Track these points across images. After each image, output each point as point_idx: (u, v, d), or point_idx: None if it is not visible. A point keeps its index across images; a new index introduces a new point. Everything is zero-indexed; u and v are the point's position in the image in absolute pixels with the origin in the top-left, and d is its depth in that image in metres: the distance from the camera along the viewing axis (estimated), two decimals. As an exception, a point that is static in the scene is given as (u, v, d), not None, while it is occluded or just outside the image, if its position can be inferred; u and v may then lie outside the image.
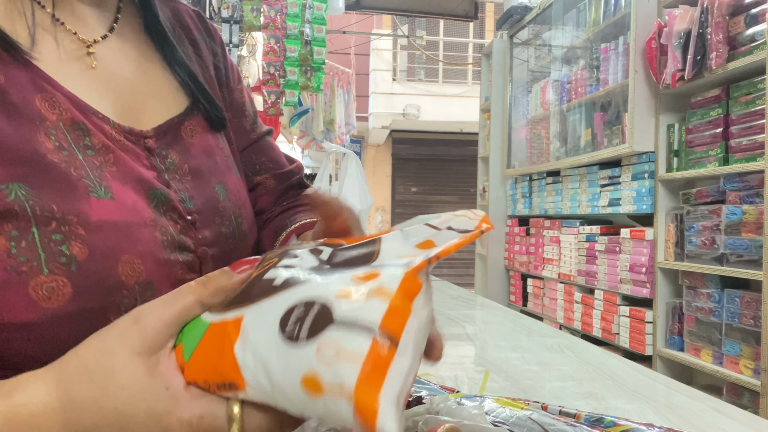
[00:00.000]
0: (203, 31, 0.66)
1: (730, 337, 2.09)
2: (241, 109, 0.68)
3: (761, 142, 1.96)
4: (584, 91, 3.09)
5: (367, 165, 9.65)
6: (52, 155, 0.44)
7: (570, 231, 3.14)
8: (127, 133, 0.51)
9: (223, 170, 0.60)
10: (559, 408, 0.53)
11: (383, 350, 0.27)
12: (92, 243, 0.43)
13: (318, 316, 0.29)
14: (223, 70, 0.66)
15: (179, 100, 0.58)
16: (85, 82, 0.50)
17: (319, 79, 3.93)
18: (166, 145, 0.54)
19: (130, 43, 0.57)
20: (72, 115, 0.47)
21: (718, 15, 2.11)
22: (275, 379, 0.29)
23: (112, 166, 0.48)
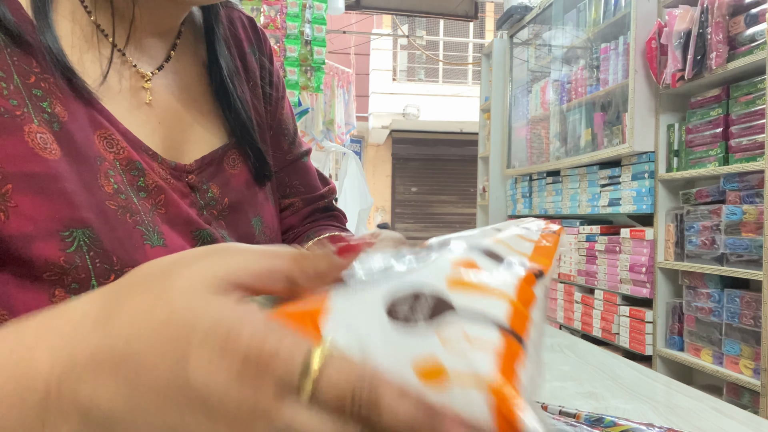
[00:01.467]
0: (254, 43, 0.64)
1: (730, 337, 2.09)
2: (281, 127, 0.66)
3: (761, 142, 1.96)
4: (584, 91, 3.09)
5: (367, 165, 9.64)
6: (110, 201, 0.43)
7: (570, 231, 3.14)
8: (172, 169, 0.50)
9: (261, 202, 0.59)
10: (559, 408, 0.53)
11: (516, 347, 0.24)
12: None
13: (434, 303, 0.25)
14: (268, 85, 0.64)
15: (224, 131, 0.57)
16: (140, 117, 0.50)
17: (319, 79, 3.93)
18: (207, 178, 0.53)
19: (185, 72, 0.56)
20: (128, 154, 0.46)
21: (718, 15, 2.11)
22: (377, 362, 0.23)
23: (161, 207, 0.47)
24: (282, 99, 0.67)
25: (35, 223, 0.39)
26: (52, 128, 0.42)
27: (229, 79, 0.57)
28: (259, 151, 0.59)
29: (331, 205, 0.73)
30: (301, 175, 0.68)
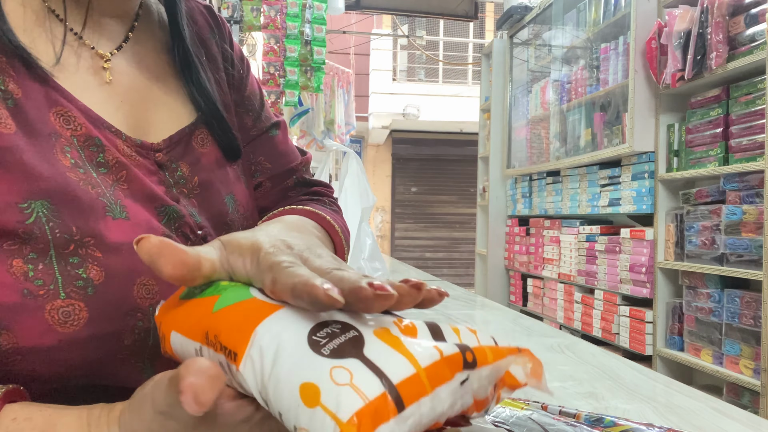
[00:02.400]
0: (214, 29, 0.63)
1: (730, 337, 2.09)
2: (246, 105, 0.64)
3: (761, 142, 1.96)
4: (584, 91, 3.09)
5: (367, 165, 9.64)
6: (70, 173, 0.43)
7: (570, 231, 3.14)
8: (138, 147, 0.50)
9: (233, 181, 0.58)
10: (559, 408, 0.53)
11: (388, 407, 0.27)
12: (109, 266, 0.43)
13: (349, 341, 0.29)
14: (231, 68, 0.64)
15: (190, 111, 0.57)
16: (101, 96, 0.49)
17: (319, 79, 3.93)
18: (176, 157, 0.53)
19: (146, 52, 0.56)
20: (87, 131, 0.46)
21: (718, 15, 2.11)
22: (278, 370, 0.29)
23: (124, 183, 0.47)
24: (246, 77, 0.66)
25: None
26: (6, 105, 0.42)
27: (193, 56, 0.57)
28: (228, 127, 0.58)
29: (305, 178, 0.69)
30: (266, 149, 0.65)
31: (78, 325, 0.41)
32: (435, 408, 0.28)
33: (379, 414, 0.26)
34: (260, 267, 0.34)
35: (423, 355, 0.29)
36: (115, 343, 0.43)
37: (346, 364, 0.28)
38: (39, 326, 0.39)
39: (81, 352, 0.41)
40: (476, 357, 0.30)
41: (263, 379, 0.29)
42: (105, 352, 0.42)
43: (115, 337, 0.43)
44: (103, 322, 0.42)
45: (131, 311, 0.43)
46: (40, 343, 0.39)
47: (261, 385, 0.29)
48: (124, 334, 0.43)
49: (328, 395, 0.27)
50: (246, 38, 5.30)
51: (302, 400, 0.28)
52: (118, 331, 0.43)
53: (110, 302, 0.42)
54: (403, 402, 0.27)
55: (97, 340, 0.42)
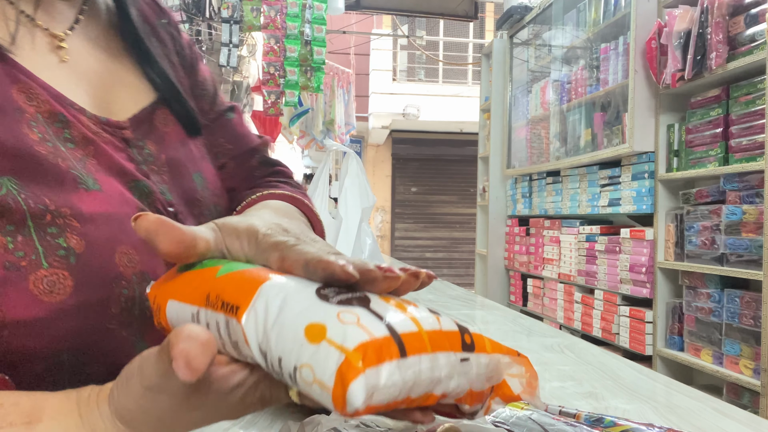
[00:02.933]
0: (160, 15, 0.64)
1: (730, 337, 2.09)
2: (200, 89, 0.66)
3: (761, 142, 1.96)
4: (584, 91, 3.09)
5: (367, 165, 9.64)
6: (38, 146, 0.43)
7: (570, 231, 3.14)
8: (104, 125, 0.50)
9: (199, 159, 0.58)
10: (559, 408, 0.53)
11: (392, 348, 0.27)
12: (88, 235, 0.43)
13: (356, 297, 0.30)
14: (182, 52, 0.65)
15: (148, 92, 0.57)
16: (59, 74, 0.49)
17: (319, 79, 3.93)
18: (142, 136, 0.53)
19: (97, 36, 0.56)
20: (50, 107, 0.46)
21: (718, 15, 2.11)
22: (283, 316, 0.29)
23: (93, 158, 0.47)
24: (197, 63, 0.66)
25: None
26: None
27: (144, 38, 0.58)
28: (186, 102, 0.59)
29: (268, 158, 0.70)
30: (226, 131, 0.67)
31: (64, 293, 0.41)
32: (434, 371, 0.28)
33: (383, 352, 0.27)
34: (261, 247, 0.35)
35: (425, 320, 0.30)
36: (102, 312, 0.43)
37: (353, 310, 0.29)
38: (24, 298, 0.40)
39: (69, 323, 0.41)
40: (474, 341, 0.31)
41: (266, 328, 0.29)
42: (93, 321, 0.43)
43: (102, 306, 0.43)
44: (88, 289, 0.42)
45: (116, 279, 0.44)
46: (27, 315, 0.40)
47: (262, 334, 0.30)
48: (111, 302, 0.43)
49: (334, 331, 0.27)
50: (246, 38, 5.30)
51: (306, 339, 0.28)
52: (105, 298, 0.43)
53: (94, 270, 0.43)
54: (406, 350, 0.27)
55: (85, 309, 0.42)
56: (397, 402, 0.27)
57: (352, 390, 0.26)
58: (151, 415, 0.32)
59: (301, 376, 0.28)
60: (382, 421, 0.44)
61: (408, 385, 0.27)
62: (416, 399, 0.28)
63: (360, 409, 0.26)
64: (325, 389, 0.27)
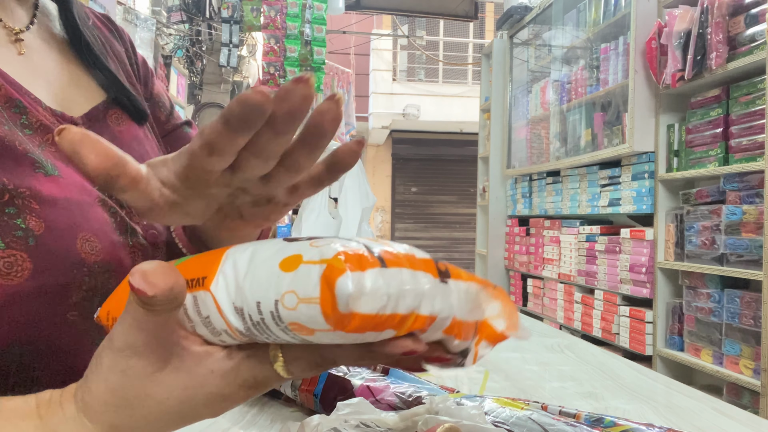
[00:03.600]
0: (113, 31, 0.64)
1: (730, 337, 2.09)
2: (156, 101, 0.66)
3: (761, 142, 1.96)
4: (584, 91, 3.09)
5: (367, 165, 9.64)
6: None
7: (570, 231, 3.14)
8: (58, 117, 0.49)
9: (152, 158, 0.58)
10: (559, 408, 0.53)
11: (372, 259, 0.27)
12: (48, 217, 0.41)
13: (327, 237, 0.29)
14: (135, 66, 0.65)
15: (100, 93, 0.57)
16: (15, 65, 0.49)
17: (319, 79, 3.93)
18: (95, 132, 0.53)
19: (50, 38, 0.56)
20: (6, 92, 0.45)
21: (718, 15, 2.11)
22: (255, 264, 0.29)
23: (51, 146, 0.46)
24: (152, 78, 0.66)
25: None
26: None
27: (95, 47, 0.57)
28: (135, 96, 0.58)
29: None
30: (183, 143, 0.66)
31: (22, 276, 0.39)
32: (416, 284, 0.27)
33: (363, 261, 0.26)
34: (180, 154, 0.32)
35: (398, 247, 0.29)
36: (62, 300, 0.41)
37: (325, 239, 0.28)
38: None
39: (27, 309, 0.39)
40: (449, 270, 0.30)
41: (237, 282, 0.29)
42: (52, 309, 0.41)
43: (62, 292, 0.41)
44: (48, 273, 0.40)
45: (77, 264, 0.42)
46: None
47: (234, 290, 0.29)
48: (71, 289, 0.42)
49: (310, 254, 0.27)
50: (246, 38, 5.30)
51: (282, 270, 0.27)
52: (65, 285, 0.41)
53: (54, 253, 0.41)
54: (385, 262, 0.27)
55: (44, 295, 0.40)
56: (384, 317, 0.26)
57: (340, 286, 0.25)
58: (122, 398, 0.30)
59: (284, 305, 0.27)
60: (382, 421, 0.44)
61: (393, 293, 0.26)
62: (403, 318, 0.27)
63: (355, 310, 0.25)
64: (312, 302, 0.26)
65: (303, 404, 0.61)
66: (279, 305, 0.27)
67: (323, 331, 0.26)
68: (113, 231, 0.46)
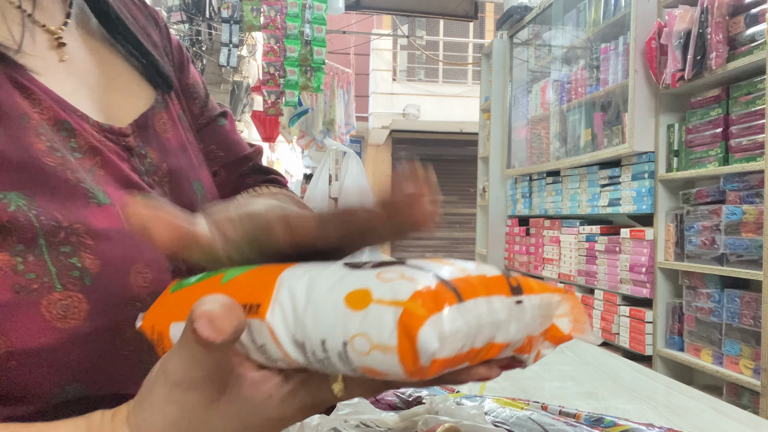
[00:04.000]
0: (148, 16, 0.61)
1: (730, 337, 2.09)
2: (191, 91, 0.63)
3: (761, 142, 1.96)
4: (584, 91, 3.09)
5: (367, 165, 9.64)
6: (47, 158, 0.40)
7: (570, 231, 3.14)
8: (106, 132, 0.47)
9: (197, 166, 0.56)
10: (559, 408, 0.53)
11: (448, 294, 0.25)
12: (103, 253, 0.39)
13: (388, 262, 0.27)
14: (171, 53, 0.62)
15: (146, 93, 0.54)
16: (59, 76, 0.46)
17: (319, 79, 3.93)
18: (144, 143, 0.50)
19: (88, 31, 0.53)
20: (55, 114, 0.42)
21: (718, 15, 2.11)
22: (315, 295, 0.27)
23: (101, 169, 0.44)
24: (188, 64, 0.64)
25: None
26: None
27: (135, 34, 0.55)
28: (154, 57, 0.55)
29: (261, 166, 0.67)
30: (218, 137, 0.64)
31: (79, 318, 0.38)
32: (492, 314, 0.26)
33: (440, 298, 0.24)
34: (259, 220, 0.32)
35: (468, 268, 0.28)
36: (116, 338, 0.40)
37: (392, 268, 0.26)
38: (35, 324, 0.36)
39: (82, 351, 0.38)
40: (521, 284, 0.29)
41: (297, 315, 0.27)
42: (107, 349, 0.40)
43: (116, 330, 0.40)
44: (104, 313, 0.39)
45: (130, 300, 0.41)
46: (38, 344, 0.36)
47: (294, 323, 0.27)
48: (125, 326, 0.40)
49: (380, 291, 0.25)
50: (246, 38, 5.30)
51: (350, 308, 0.25)
52: (119, 322, 0.40)
53: (109, 292, 0.40)
54: (461, 295, 0.25)
55: (99, 335, 0.39)
56: (462, 356, 0.25)
57: (422, 338, 0.23)
58: (179, 429, 0.30)
59: (353, 349, 0.25)
60: (382, 421, 0.44)
61: (472, 331, 0.25)
62: (479, 351, 0.26)
63: (436, 357, 0.24)
64: (389, 350, 0.24)
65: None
66: (348, 347, 0.25)
67: (397, 375, 0.25)
68: (163, 257, 0.45)
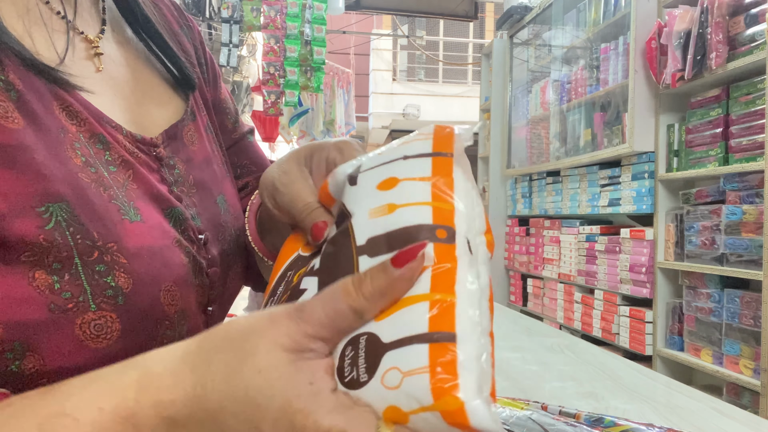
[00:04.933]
0: (183, 26, 0.61)
1: (730, 337, 2.09)
2: (223, 106, 0.64)
3: (761, 142, 1.96)
4: (584, 91, 3.09)
5: (367, 165, 9.64)
6: (82, 173, 0.39)
7: (570, 231, 3.14)
8: (138, 143, 0.47)
9: (221, 180, 0.56)
10: (559, 408, 0.53)
11: (443, 350, 0.26)
12: (135, 272, 0.39)
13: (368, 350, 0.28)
14: (204, 66, 0.62)
15: (176, 103, 0.54)
16: (95, 87, 0.45)
17: (319, 79, 3.93)
18: (173, 153, 0.50)
19: (121, 37, 0.52)
20: (90, 127, 0.42)
21: (718, 15, 2.11)
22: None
23: (132, 183, 0.44)
24: (219, 78, 0.65)
25: (7, 199, 0.35)
26: (10, 96, 0.38)
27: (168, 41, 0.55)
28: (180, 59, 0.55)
29: None
30: (249, 153, 0.66)
31: (111, 338, 0.38)
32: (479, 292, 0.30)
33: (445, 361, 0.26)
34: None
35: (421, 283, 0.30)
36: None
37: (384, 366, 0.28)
38: (69, 343, 0.36)
39: None
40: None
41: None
42: None
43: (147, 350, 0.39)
44: (135, 333, 0.39)
45: (160, 319, 0.41)
46: (69, 363, 0.36)
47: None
48: (154, 345, 0.40)
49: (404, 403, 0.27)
50: (246, 38, 5.30)
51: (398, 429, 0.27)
52: (149, 342, 0.40)
53: (141, 311, 0.39)
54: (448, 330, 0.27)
55: (130, 354, 0.38)
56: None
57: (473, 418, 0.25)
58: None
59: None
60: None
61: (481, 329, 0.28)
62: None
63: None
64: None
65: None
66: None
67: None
68: (189, 274, 0.45)
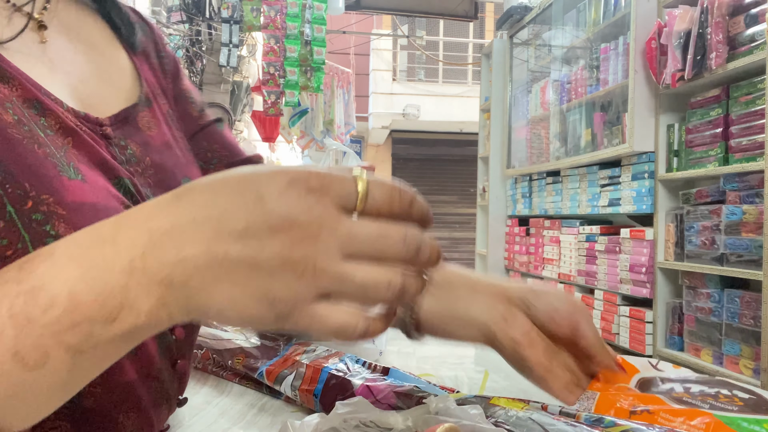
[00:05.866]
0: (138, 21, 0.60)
1: (730, 337, 2.09)
2: (186, 96, 0.62)
3: (761, 142, 1.96)
4: (584, 91, 3.09)
5: (367, 165, 9.64)
6: (12, 129, 0.38)
7: (570, 231, 3.14)
8: (82, 119, 0.45)
9: (185, 164, 0.55)
10: (559, 408, 0.53)
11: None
12: (77, 223, 0.38)
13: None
14: (165, 59, 0.61)
15: (132, 88, 0.53)
16: (33, 59, 0.44)
17: (319, 79, 3.93)
18: (124, 136, 0.48)
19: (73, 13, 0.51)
20: (24, 92, 0.41)
21: (718, 15, 2.11)
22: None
23: (73, 149, 0.42)
24: (181, 72, 0.63)
25: None
26: None
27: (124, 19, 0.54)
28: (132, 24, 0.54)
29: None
30: (220, 138, 0.64)
31: None
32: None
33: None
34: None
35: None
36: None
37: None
38: None
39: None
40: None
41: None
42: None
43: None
44: None
45: None
46: None
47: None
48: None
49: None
50: (246, 38, 5.30)
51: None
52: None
53: None
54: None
55: None
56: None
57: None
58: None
59: None
60: (382, 421, 0.44)
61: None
62: None
63: None
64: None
65: (303, 404, 0.61)
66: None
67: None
68: None
